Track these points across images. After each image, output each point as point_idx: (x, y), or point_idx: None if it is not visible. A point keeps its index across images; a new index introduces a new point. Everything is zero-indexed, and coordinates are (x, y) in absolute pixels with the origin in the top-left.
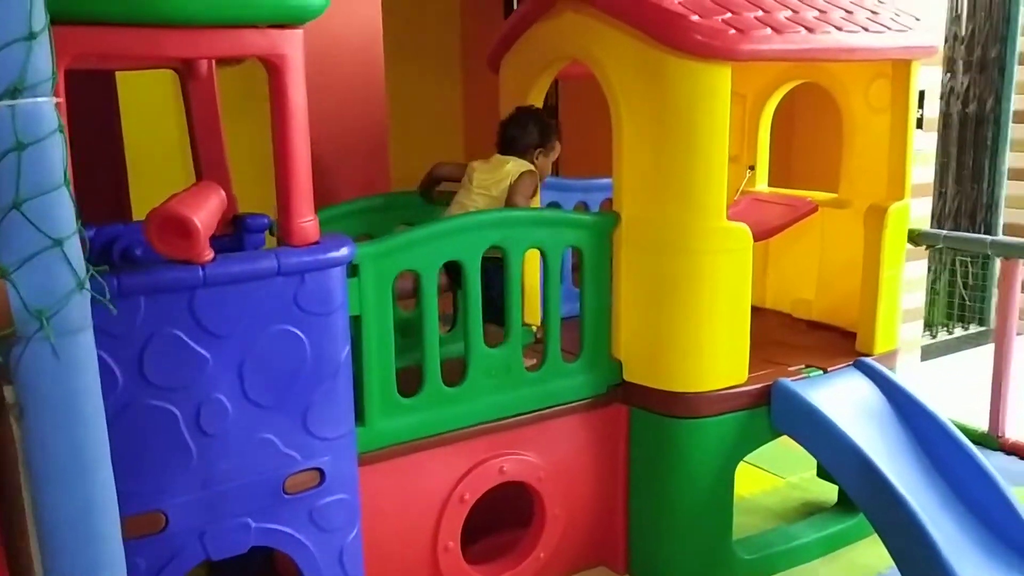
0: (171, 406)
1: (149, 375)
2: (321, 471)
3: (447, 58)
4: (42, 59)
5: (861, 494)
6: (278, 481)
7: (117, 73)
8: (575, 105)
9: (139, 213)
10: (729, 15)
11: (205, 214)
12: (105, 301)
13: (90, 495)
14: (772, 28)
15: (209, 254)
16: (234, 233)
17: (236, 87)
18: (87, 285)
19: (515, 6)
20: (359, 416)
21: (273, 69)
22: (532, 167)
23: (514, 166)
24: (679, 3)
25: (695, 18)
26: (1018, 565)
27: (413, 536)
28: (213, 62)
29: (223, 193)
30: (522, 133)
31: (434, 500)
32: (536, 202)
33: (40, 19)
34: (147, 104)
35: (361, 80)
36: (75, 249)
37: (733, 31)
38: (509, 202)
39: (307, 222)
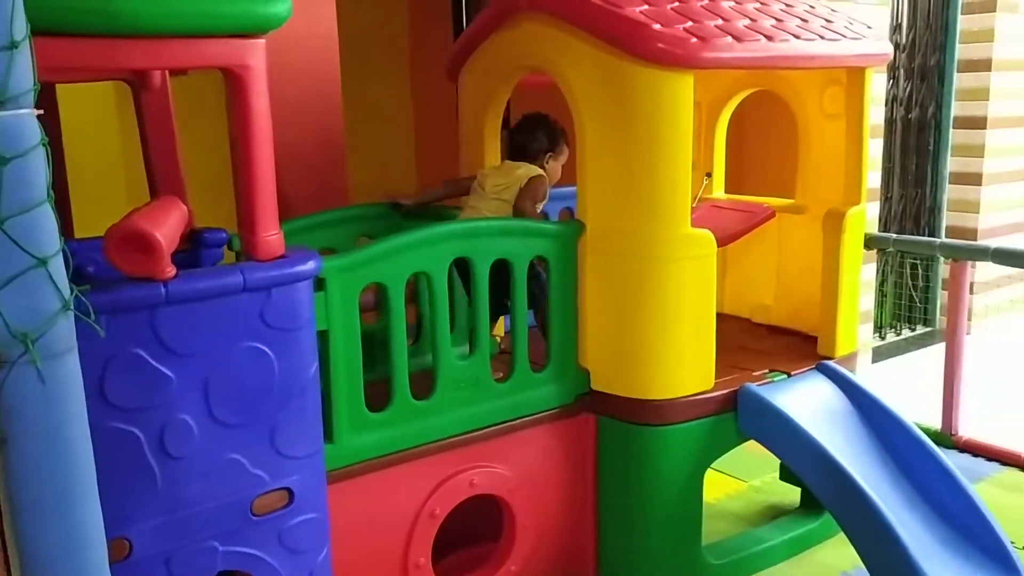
0: (134, 428)
1: (110, 397)
2: (290, 491)
3: (396, 69)
4: (23, 70)
5: (829, 495)
6: (246, 503)
7: (58, 86)
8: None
9: (81, 231)
10: (691, 24)
11: (167, 229)
12: (91, 322)
13: (77, 526)
14: (733, 36)
15: (171, 270)
16: (191, 249)
17: (183, 98)
18: (72, 305)
19: (464, 17)
20: (327, 433)
21: (235, 80)
22: (542, 172)
23: (524, 171)
24: (641, 12)
25: (657, 27)
26: (981, 561)
27: (383, 554)
28: (167, 73)
29: (184, 208)
30: (531, 139)
31: (404, 516)
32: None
33: (21, 28)
34: (89, 118)
35: (318, 91)
36: (59, 268)
37: (695, 40)
38: (517, 206)
39: (272, 236)
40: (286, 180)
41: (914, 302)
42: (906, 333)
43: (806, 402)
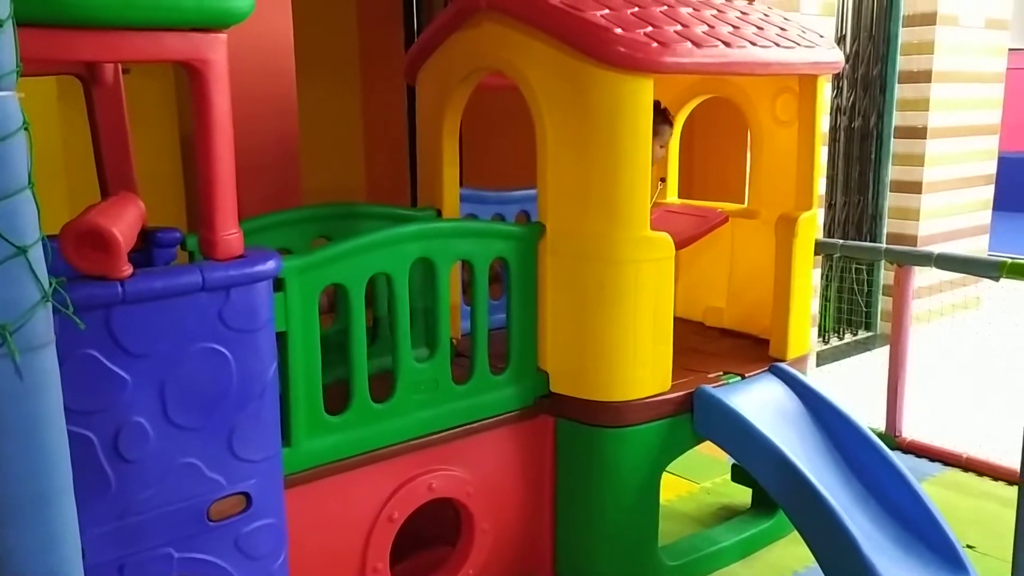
0: (87, 431)
1: (63, 399)
2: (248, 495)
3: (346, 70)
4: (6, 50)
5: (783, 494)
6: (202, 507)
7: None
8: (479, 116)
9: None
10: (651, 28)
11: (124, 226)
12: (70, 315)
13: (53, 526)
14: (692, 42)
15: (128, 269)
16: (143, 248)
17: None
18: (51, 296)
19: (415, 22)
20: (285, 436)
21: (196, 75)
22: None
23: None
24: (602, 16)
25: (618, 31)
26: (930, 559)
27: (341, 559)
28: (119, 67)
29: (142, 205)
30: None
31: (362, 521)
32: None
33: (4, 5)
34: (29, 114)
35: (272, 91)
36: (39, 258)
37: (655, 44)
38: None
39: (231, 235)
40: (240, 180)
41: (856, 307)
42: (848, 337)
43: (760, 403)
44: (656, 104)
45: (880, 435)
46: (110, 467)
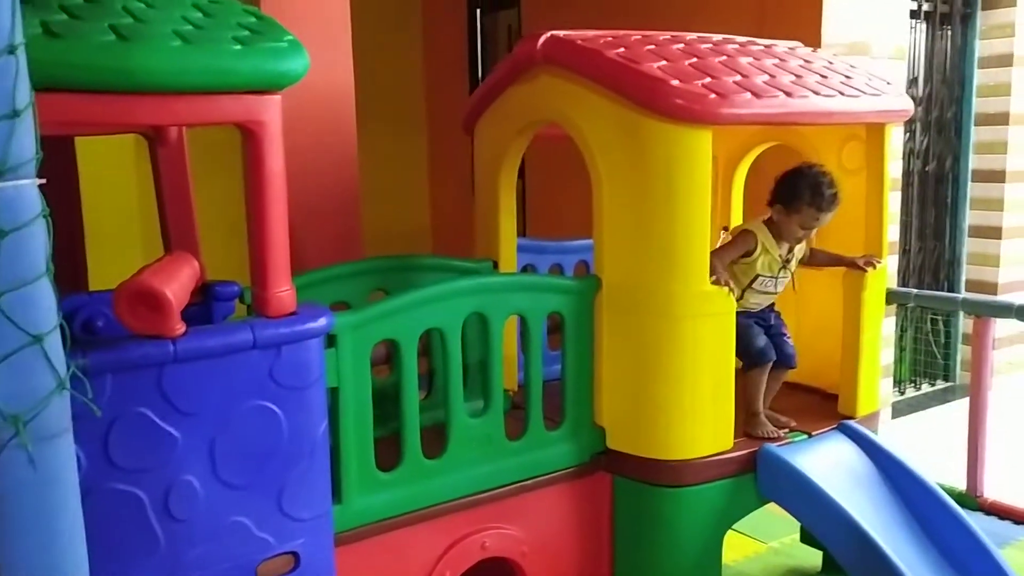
0: (137, 490)
1: (114, 457)
2: (296, 555)
3: (413, 117)
4: (26, 138)
5: (852, 561)
6: (250, 567)
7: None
8: (541, 165)
9: (96, 283)
10: (709, 79)
11: (177, 286)
12: (89, 402)
13: None
14: (751, 92)
15: (181, 328)
16: (202, 302)
17: (198, 148)
18: (67, 384)
19: (480, 70)
20: (335, 493)
21: (250, 136)
22: (751, 228)
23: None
24: (658, 68)
25: (675, 83)
26: None
27: None
28: (183, 127)
29: (195, 263)
30: (776, 185)
31: None
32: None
33: (24, 95)
34: (106, 170)
35: (333, 143)
36: (55, 345)
37: (713, 95)
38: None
39: (283, 292)
40: (300, 230)
41: (934, 356)
42: (926, 388)
43: (827, 464)
44: (801, 177)
45: (960, 495)
46: (159, 526)
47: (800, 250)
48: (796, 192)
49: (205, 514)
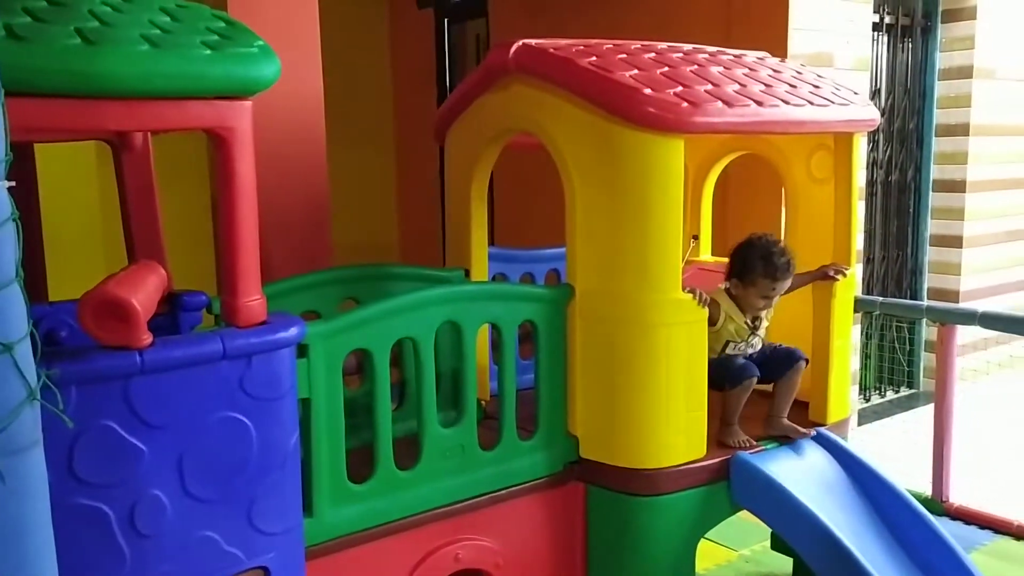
0: (103, 505)
1: (79, 472)
2: (266, 570)
3: (381, 129)
4: None
5: (824, 567)
6: None
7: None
8: (509, 175)
9: (56, 293)
10: (681, 88)
11: (144, 296)
12: (60, 413)
13: None
14: (723, 101)
15: (148, 338)
16: (169, 312)
17: (164, 156)
18: (38, 395)
19: (448, 82)
20: (307, 506)
21: (220, 142)
22: (714, 296)
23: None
24: (631, 76)
25: (648, 91)
26: None
27: None
28: (148, 133)
29: (162, 272)
30: (730, 259)
31: None
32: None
33: None
34: (67, 177)
35: (302, 152)
36: (26, 354)
37: (686, 104)
38: None
39: (254, 301)
40: (269, 240)
41: (898, 364)
42: (891, 395)
43: (799, 471)
44: (754, 250)
45: (926, 500)
46: (125, 542)
47: (768, 314)
48: (749, 265)
49: (173, 529)
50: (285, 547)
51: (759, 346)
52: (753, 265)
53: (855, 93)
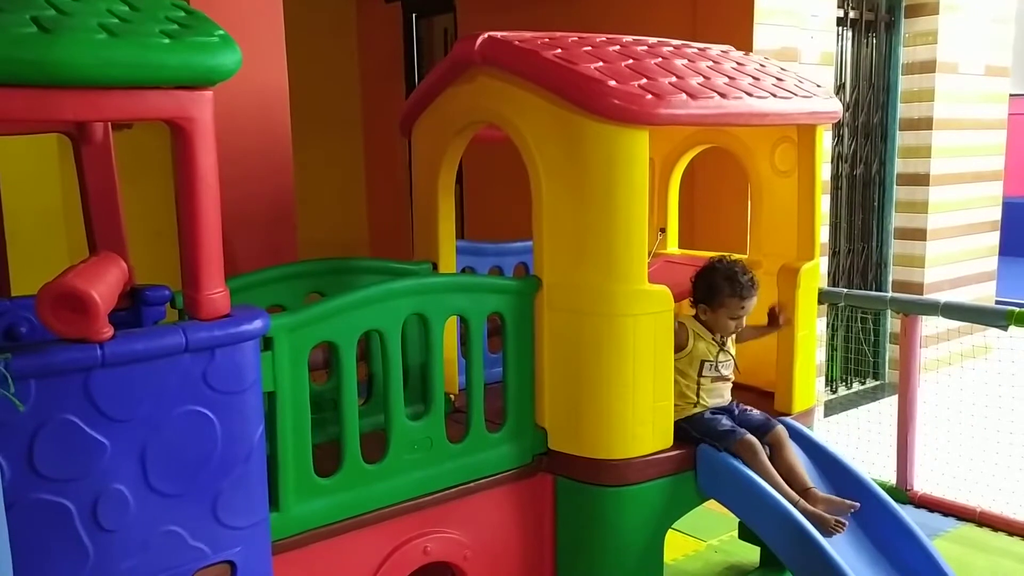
0: (64, 500)
1: (40, 467)
2: (232, 564)
3: (349, 123)
4: None
5: (790, 555)
6: None
7: None
8: (477, 168)
9: (18, 287)
10: (645, 80)
11: (104, 288)
12: (10, 396)
13: None
14: (687, 93)
15: (108, 331)
16: (131, 307)
17: (126, 149)
18: None
19: (416, 74)
20: (273, 501)
21: (181, 133)
22: (681, 320)
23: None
24: (596, 69)
25: (612, 83)
26: None
27: None
28: (109, 125)
29: (123, 265)
30: (694, 286)
31: None
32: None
33: None
34: (28, 170)
35: (267, 145)
36: None
37: (650, 96)
38: None
39: (216, 294)
40: (233, 235)
41: (863, 355)
42: (856, 386)
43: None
44: (719, 275)
45: (891, 489)
46: (88, 537)
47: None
48: (715, 288)
49: (136, 524)
50: (251, 541)
51: (730, 376)
52: (719, 287)
53: (818, 86)
